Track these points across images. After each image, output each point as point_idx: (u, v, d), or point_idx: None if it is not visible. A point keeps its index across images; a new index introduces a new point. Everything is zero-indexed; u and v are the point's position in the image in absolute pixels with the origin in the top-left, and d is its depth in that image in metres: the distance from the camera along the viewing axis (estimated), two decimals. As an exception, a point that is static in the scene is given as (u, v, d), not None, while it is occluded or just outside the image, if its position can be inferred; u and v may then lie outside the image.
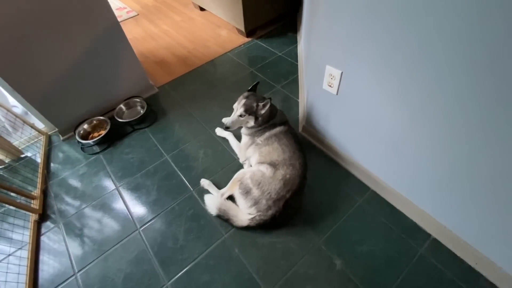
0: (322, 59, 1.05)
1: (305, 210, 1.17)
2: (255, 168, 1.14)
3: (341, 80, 1.02)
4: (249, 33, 2.15)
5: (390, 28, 0.74)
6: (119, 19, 1.42)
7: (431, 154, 0.88)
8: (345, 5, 0.82)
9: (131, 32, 2.37)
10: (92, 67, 1.46)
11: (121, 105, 1.64)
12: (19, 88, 1.31)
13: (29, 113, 1.54)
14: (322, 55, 1.05)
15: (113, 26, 1.41)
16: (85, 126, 1.56)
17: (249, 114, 1.16)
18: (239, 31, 2.19)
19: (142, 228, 1.18)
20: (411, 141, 0.92)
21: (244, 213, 1.10)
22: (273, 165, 1.11)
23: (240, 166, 1.33)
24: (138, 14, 2.63)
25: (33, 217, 1.22)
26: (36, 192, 1.31)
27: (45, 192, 1.35)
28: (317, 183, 1.25)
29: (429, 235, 1.06)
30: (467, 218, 0.91)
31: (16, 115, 1.52)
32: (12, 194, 1.21)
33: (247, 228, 1.09)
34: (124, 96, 1.66)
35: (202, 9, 2.53)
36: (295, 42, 2.07)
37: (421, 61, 0.72)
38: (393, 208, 1.15)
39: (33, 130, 1.57)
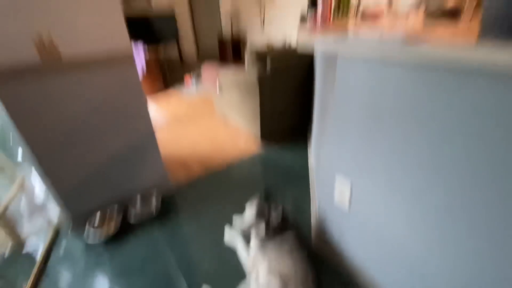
0: (332, 172, 1.12)
1: None
2: (262, 281, 1.03)
3: (351, 196, 1.05)
4: (265, 142, 2.40)
5: (396, 149, 0.82)
6: (154, 123, 1.67)
7: (458, 281, 0.79)
8: (352, 126, 0.95)
9: (162, 134, 2.71)
10: (121, 164, 1.62)
11: (138, 196, 1.69)
12: (53, 177, 1.42)
13: (49, 201, 1.61)
14: (332, 169, 1.12)
15: (149, 133, 1.65)
16: (97, 217, 1.57)
17: (261, 219, 1.16)
18: (256, 139, 2.46)
19: None
20: (432, 265, 0.84)
21: None
22: (283, 280, 1.01)
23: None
24: (170, 120, 3.08)
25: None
26: (24, 291, 1.21)
27: (32, 292, 1.23)
28: (333, 309, 1.08)
29: None
30: None
31: (36, 203, 1.58)
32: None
33: None
34: (141, 191, 1.74)
35: (225, 118, 2.94)
36: (306, 154, 2.25)
37: (431, 181, 0.76)
38: None
39: (45, 219, 1.59)
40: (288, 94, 2.28)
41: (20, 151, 1.73)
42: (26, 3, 1.12)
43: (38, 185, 1.74)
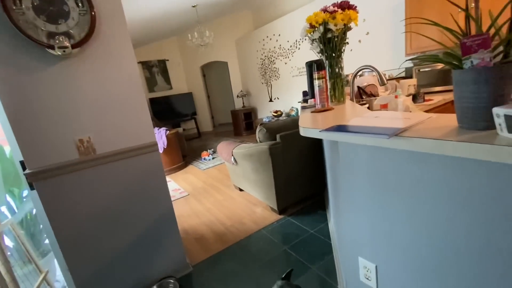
0: (353, 251, 1.08)
1: None
2: None
3: (377, 274, 0.99)
4: (281, 211, 2.37)
5: (407, 223, 0.81)
6: (173, 199, 1.74)
7: None
8: (362, 204, 0.96)
9: (179, 210, 2.76)
10: (139, 250, 1.62)
11: (154, 287, 1.63)
12: (72, 268, 1.44)
13: (67, 291, 1.59)
14: (353, 247, 1.09)
15: (168, 214, 1.70)
16: (113, 310, 1.51)
17: (284, 309, 1.08)
18: (272, 209, 2.44)
19: None
20: None
21: None
22: None
23: None
24: (188, 194, 3.16)
25: None
26: None
27: None
28: None
29: None
30: None
31: (55, 295, 1.56)
32: None
33: None
34: (159, 276, 1.69)
35: (241, 190, 2.99)
36: (325, 219, 2.18)
37: (446, 256, 0.73)
38: None
39: (62, 313, 1.54)
40: (300, 162, 2.35)
41: (46, 241, 1.81)
42: (72, 114, 1.36)
43: (57, 276, 1.75)
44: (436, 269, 0.78)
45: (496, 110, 0.52)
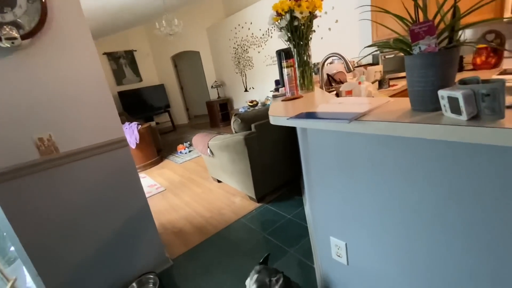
0: (326, 230, 1.14)
1: None
2: None
3: (347, 251, 1.06)
4: (259, 199, 2.42)
5: (372, 201, 0.88)
6: (149, 195, 1.70)
7: None
8: (331, 185, 1.02)
9: (157, 205, 2.70)
10: (114, 249, 1.58)
11: (134, 284, 1.61)
12: (42, 273, 1.37)
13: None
14: (325, 227, 1.15)
15: (143, 210, 1.67)
16: (91, 312, 1.47)
17: (263, 293, 1.12)
18: (250, 198, 2.48)
19: None
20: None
21: None
22: None
23: None
24: (165, 189, 3.10)
25: None
26: None
27: None
28: None
29: None
30: None
31: (26, 303, 1.49)
32: None
33: None
34: (138, 273, 1.67)
35: (219, 181, 2.99)
36: (301, 204, 2.26)
37: (408, 230, 0.80)
38: None
39: (36, 321, 1.48)
40: (276, 150, 2.40)
41: (12, 249, 1.70)
42: (29, 110, 1.26)
43: (28, 283, 1.66)
44: (400, 242, 0.85)
45: (441, 93, 0.57)
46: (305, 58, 1.36)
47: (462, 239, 0.69)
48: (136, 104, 6.10)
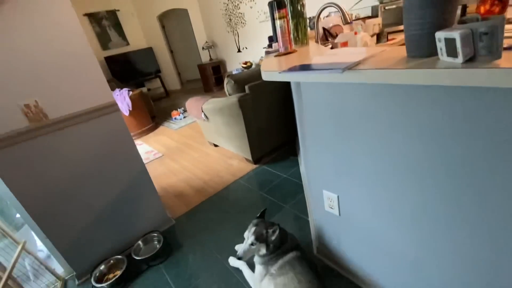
0: (318, 184, 1.18)
1: None
2: (271, 304, 1.06)
3: (339, 203, 1.11)
4: (256, 161, 2.46)
5: (364, 155, 0.90)
6: (147, 161, 1.73)
7: (448, 274, 0.84)
8: (324, 141, 1.03)
9: (156, 170, 2.75)
10: (117, 210, 1.65)
11: (139, 241, 1.71)
12: (51, 236, 1.45)
13: (51, 257, 1.62)
14: (318, 181, 1.18)
15: (141, 172, 1.70)
16: (102, 267, 1.58)
17: (260, 242, 1.19)
18: (247, 160, 2.52)
19: None
20: (423, 260, 0.89)
21: None
22: (290, 298, 1.03)
23: (256, 302, 1.23)
24: (163, 155, 3.13)
25: None
26: None
27: None
28: (344, 318, 1.10)
29: None
30: None
31: (40, 261, 1.59)
32: None
33: None
34: (143, 232, 1.76)
35: (216, 145, 3.01)
36: (297, 164, 2.32)
37: (399, 181, 0.83)
38: None
39: (52, 276, 1.60)
40: (271, 112, 2.37)
41: (17, 215, 1.76)
42: (9, 78, 1.20)
43: (39, 246, 1.75)
44: (390, 194, 0.89)
45: (438, 34, 0.54)
46: (298, 7, 1.27)
47: (453, 191, 0.72)
48: (125, 70, 5.83)
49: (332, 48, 1.14)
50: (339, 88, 0.84)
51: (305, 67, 0.79)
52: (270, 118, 2.39)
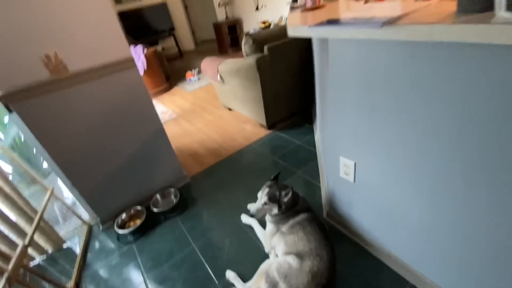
0: (336, 151, 1.17)
1: (338, 309, 1.07)
2: (281, 259, 1.13)
3: (355, 170, 1.11)
4: (270, 126, 2.44)
5: (388, 123, 0.87)
6: (162, 121, 1.74)
7: (460, 242, 0.85)
8: (347, 108, 0.99)
9: (171, 130, 2.80)
10: (137, 164, 1.72)
11: (157, 195, 1.81)
12: (77, 184, 1.55)
13: (77, 203, 1.76)
14: (335, 147, 1.17)
15: (159, 131, 1.73)
16: (123, 216, 1.71)
17: (273, 202, 1.23)
18: (261, 125, 2.51)
19: (165, 328, 1.12)
20: (436, 228, 0.90)
21: (271, 311, 1.03)
22: (300, 255, 1.09)
23: (266, 256, 1.31)
24: (178, 116, 3.16)
25: (63, 312, 1.23)
26: (70, 284, 1.36)
27: (78, 284, 1.39)
28: (348, 276, 1.17)
29: None
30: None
31: (68, 207, 1.73)
32: (48, 285, 1.27)
33: (275, 331, 1.00)
34: (160, 187, 1.86)
35: (230, 109, 2.99)
36: (311, 132, 2.29)
37: (421, 152, 0.81)
38: (440, 307, 1.01)
39: (79, 220, 1.75)
40: (289, 76, 2.28)
41: (44, 165, 1.87)
42: (30, 30, 1.19)
43: (66, 194, 1.89)
44: (410, 163, 0.87)
45: (501, -16, 0.47)
46: (331, -44, 1.14)
47: (481, 166, 0.69)
48: (138, 27, 5.64)
49: (366, 2, 1.03)
50: (372, 47, 0.78)
51: (336, 22, 0.73)
52: (287, 82, 2.31)
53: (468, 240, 0.83)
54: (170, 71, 4.76)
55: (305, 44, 2.17)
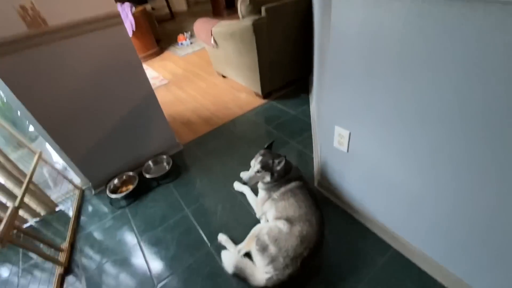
0: (331, 120, 1.15)
1: (324, 270, 1.13)
2: (272, 224, 1.16)
3: (350, 139, 1.10)
4: (265, 95, 2.38)
5: (388, 92, 0.84)
6: (153, 87, 1.67)
7: (445, 211, 0.88)
8: (346, 77, 0.96)
9: (162, 97, 2.71)
10: (128, 129, 1.67)
11: (149, 162, 1.80)
12: (65, 148, 1.51)
13: (68, 168, 1.73)
14: (331, 117, 1.15)
15: (149, 96, 1.66)
16: (115, 181, 1.70)
17: (266, 170, 1.24)
18: (256, 94, 2.44)
19: (160, 285, 1.18)
20: (424, 198, 0.93)
21: (261, 272, 1.08)
22: (290, 221, 1.13)
23: (257, 221, 1.35)
24: (169, 82, 3.04)
25: (59, 270, 1.27)
26: (64, 245, 1.39)
27: (72, 245, 1.42)
28: (335, 241, 1.23)
29: (464, 303, 0.97)
30: (499, 282, 0.85)
31: (58, 171, 1.71)
32: (42, 246, 1.29)
33: (264, 288, 1.06)
34: (152, 154, 1.84)
35: (224, 76, 2.88)
36: (307, 102, 2.25)
37: (419, 124, 0.80)
38: (420, 270, 1.09)
39: (70, 185, 1.74)
40: (287, 41, 2.17)
41: (31, 128, 1.80)
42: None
43: (55, 157, 1.85)
44: (406, 134, 0.86)
45: None
46: None
47: (475, 139, 0.68)
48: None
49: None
50: (379, 6, 0.72)
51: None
52: (285, 48, 2.20)
53: (453, 210, 0.86)
54: (160, 34, 4.49)
55: (305, 7, 2.04)
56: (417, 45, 0.69)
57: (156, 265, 1.26)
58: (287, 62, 2.30)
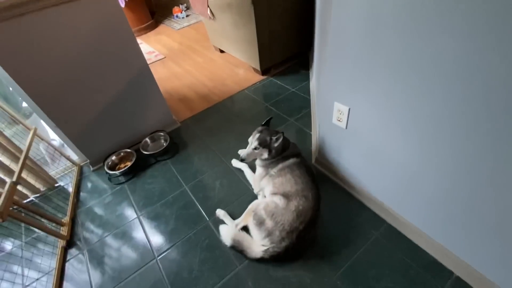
0: (331, 96, 1.12)
1: (319, 243, 1.17)
2: (268, 199, 1.18)
3: (349, 116, 1.08)
4: (264, 71, 2.32)
5: (389, 68, 0.81)
6: (148, 62, 1.61)
7: (443, 186, 0.88)
8: (348, 49, 0.92)
9: (158, 72, 2.63)
10: (123, 105, 1.64)
11: (147, 139, 1.78)
12: (60, 124, 1.49)
13: (65, 145, 1.72)
14: (331, 93, 1.12)
15: (144, 70, 1.61)
16: (113, 157, 1.70)
17: (263, 147, 1.23)
18: (255, 70, 2.37)
19: (160, 257, 1.22)
20: (422, 173, 0.93)
21: (257, 244, 1.11)
22: (286, 196, 1.14)
23: (255, 197, 1.37)
24: (165, 57, 2.94)
25: (61, 243, 1.31)
26: (66, 219, 1.41)
27: (73, 220, 1.45)
28: (331, 215, 1.25)
29: (452, 272, 1.01)
30: (492, 257, 0.87)
31: (55, 148, 1.70)
32: (44, 220, 1.32)
33: (260, 260, 1.09)
34: (149, 130, 1.82)
35: (221, 51, 2.78)
36: (307, 78, 2.20)
37: (421, 97, 0.78)
38: (410, 242, 1.12)
39: (68, 162, 1.74)
40: (287, 14, 2.07)
41: (24, 104, 1.76)
42: None
43: (52, 134, 1.83)
44: (405, 110, 0.84)
45: None
46: None
47: (475, 115, 0.66)
48: None
49: None
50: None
51: None
52: (285, 21, 2.10)
53: (453, 185, 0.86)
54: (155, 6, 4.27)
55: (307, -24, 1.91)
56: (421, 14, 0.65)
57: (156, 238, 1.29)
58: (287, 35, 2.20)
